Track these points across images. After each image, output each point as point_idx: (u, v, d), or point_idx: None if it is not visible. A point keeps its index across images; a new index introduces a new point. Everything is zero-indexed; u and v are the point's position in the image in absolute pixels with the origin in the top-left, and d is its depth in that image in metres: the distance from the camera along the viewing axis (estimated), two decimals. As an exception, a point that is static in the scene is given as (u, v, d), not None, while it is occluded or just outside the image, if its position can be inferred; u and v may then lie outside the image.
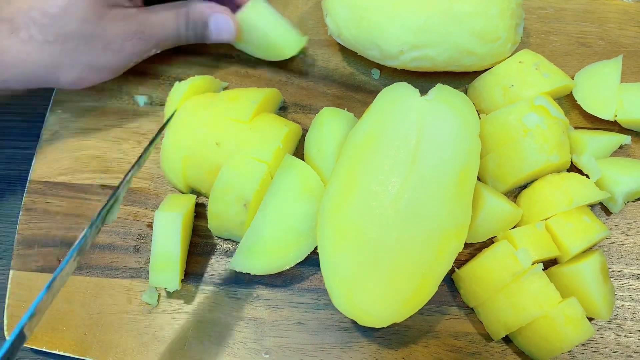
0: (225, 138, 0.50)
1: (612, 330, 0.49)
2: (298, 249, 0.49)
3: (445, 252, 0.45)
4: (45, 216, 0.54)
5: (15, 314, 0.51)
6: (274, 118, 0.53)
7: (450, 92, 0.49)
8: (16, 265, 0.53)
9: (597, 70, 0.56)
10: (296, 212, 0.49)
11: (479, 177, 0.54)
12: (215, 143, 0.50)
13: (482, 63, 0.54)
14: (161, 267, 0.48)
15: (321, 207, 0.47)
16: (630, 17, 0.60)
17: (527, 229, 0.48)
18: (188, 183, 0.53)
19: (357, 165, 0.47)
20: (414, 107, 0.48)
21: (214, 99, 0.52)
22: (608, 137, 0.53)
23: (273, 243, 0.48)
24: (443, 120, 0.47)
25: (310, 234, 0.49)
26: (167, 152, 0.52)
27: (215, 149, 0.50)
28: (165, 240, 0.48)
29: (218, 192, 0.49)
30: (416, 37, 0.52)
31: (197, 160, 0.50)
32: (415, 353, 0.49)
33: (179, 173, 0.52)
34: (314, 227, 0.49)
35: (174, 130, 0.51)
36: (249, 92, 0.53)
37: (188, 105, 0.52)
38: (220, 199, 0.49)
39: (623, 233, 0.52)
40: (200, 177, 0.51)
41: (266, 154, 0.49)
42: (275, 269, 0.48)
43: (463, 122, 0.47)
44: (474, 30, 0.51)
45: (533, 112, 0.50)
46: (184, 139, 0.51)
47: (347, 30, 0.54)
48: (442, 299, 0.51)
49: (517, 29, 0.55)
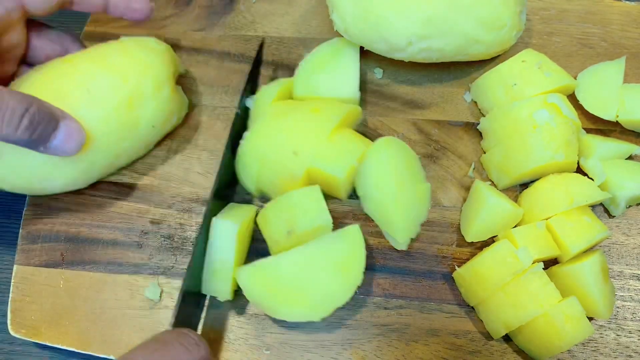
0: (303, 148, 0.50)
1: (612, 330, 0.49)
2: (289, 313, 0.47)
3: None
4: (49, 212, 0.55)
5: (19, 308, 0.52)
6: (353, 135, 0.52)
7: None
8: (20, 260, 0.53)
9: (600, 71, 0.56)
10: (321, 282, 0.47)
11: (484, 168, 0.54)
12: (292, 152, 0.50)
13: (488, 51, 0.55)
14: (214, 275, 0.48)
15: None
16: (633, 19, 0.60)
17: (527, 228, 0.49)
18: (260, 187, 0.53)
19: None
20: None
21: (296, 108, 0.52)
22: (618, 144, 0.53)
23: (276, 293, 0.47)
24: None
25: (317, 309, 0.47)
26: (244, 153, 0.52)
27: (292, 158, 0.50)
28: (221, 248, 0.48)
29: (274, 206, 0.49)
30: (423, 29, 0.52)
31: (272, 165, 0.50)
32: (415, 351, 0.49)
33: (253, 176, 0.52)
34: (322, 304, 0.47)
35: (254, 133, 0.52)
36: (331, 105, 0.53)
37: (270, 110, 0.52)
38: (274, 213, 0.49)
39: (624, 233, 0.52)
40: (274, 183, 0.51)
41: (340, 171, 0.49)
42: (259, 307, 0.49)
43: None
44: (479, 19, 0.52)
45: (544, 109, 0.50)
46: (262, 143, 0.51)
47: (353, 25, 0.54)
48: (442, 297, 0.51)
49: (520, 16, 0.55)
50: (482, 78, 0.56)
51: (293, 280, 0.46)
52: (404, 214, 0.49)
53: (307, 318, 0.47)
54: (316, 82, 0.55)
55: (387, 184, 0.49)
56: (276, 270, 0.47)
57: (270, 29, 0.62)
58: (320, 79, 0.55)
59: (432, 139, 0.56)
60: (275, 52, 0.61)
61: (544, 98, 0.51)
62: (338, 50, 0.57)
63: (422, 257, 0.52)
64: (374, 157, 0.50)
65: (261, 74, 0.60)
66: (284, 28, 0.62)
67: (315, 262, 0.46)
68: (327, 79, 0.55)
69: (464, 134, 0.56)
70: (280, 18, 0.63)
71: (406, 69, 0.58)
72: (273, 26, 0.62)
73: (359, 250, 0.48)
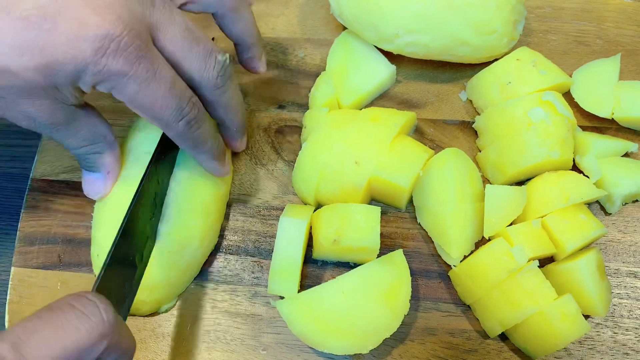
0: (365, 158, 0.49)
1: (609, 327, 0.49)
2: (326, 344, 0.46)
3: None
4: (47, 214, 0.55)
5: (17, 311, 0.52)
6: (413, 143, 0.52)
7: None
8: (18, 262, 0.54)
9: (595, 69, 0.56)
10: (368, 313, 0.46)
11: (480, 167, 0.54)
12: (354, 162, 0.49)
13: (476, 55, 0.55)
14: (281, 274, 0.48)
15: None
16: (628, 16, 0.60)
17: (523, 226, 0.49)
18: (319, 198, 0.52)
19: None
20: None
21: (354, 117, 0.52)
22: (614, 141, 0.53)
23: (321, 325, 0.46)
24: None
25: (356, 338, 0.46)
26: (303, 164, 0.52)
27: (354, 168, 0.49)
28: (288, 247, 0.48)
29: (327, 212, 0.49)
30: (412, 22, 0.52)
31: (333, 176, 0.50)
32: (411, 350, 0.49)
33: (312, 186, 0.51)
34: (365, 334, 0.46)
35: (312, 144, 0.52)
36: (390, 113, 0.53)
37: (327, 120, 0.52)
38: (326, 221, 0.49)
39: (620, 231, 0.52)
40: (334, 194, 0.51)
41: (405, 180, 0.49)
42: (304, 341, 0.47)
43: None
44: (469, 21, 0.52)
45: (539, 106, 0.50)
46: (322, 154, 0.51)
47: (347, 9, 0.55)
48: (438, 296, 0.51)
49: (516, 25, 0.55)
50: (477, 77, 0.56)
51: (339, 312, 0.46)
52: (462, 230, 0.49)
53: (355, 350, 0.46)
54: (353, 83, 0.56)
55: (448, 198, 0.49)
56: (321, 302, 0.46)
57: (266, 29, 0.62)
58: (355, 77, 0.56)
59: (427, 138, 0.56)
60: (271, 52, 0.61)
61: (539, 96, 0.51)
62: (347, 45, 0.57)
63: (418, 256, 0.52)
64: (438, 168, 0.50)
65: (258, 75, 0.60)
66: (279, 29, 0.62)
67: (361, 292, 0.46)
68: (360, 74, 0.56)
69: (460, 133, 0.56)
70: (276, 19, 0.63)
71: (401, 68, 0.58)
72: (269, 27, 0.62)
73: (404, 277, 0.47)
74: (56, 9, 0.35)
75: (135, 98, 0.39)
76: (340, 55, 0.58)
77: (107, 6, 0.36)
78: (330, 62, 0.58)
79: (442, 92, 0.58)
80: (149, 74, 0.38)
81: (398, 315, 0.47)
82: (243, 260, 0.53)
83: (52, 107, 0.40)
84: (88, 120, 0.44)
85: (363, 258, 0.49)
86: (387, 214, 0.54)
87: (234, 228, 0.54)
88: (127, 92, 0.38)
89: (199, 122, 0.43)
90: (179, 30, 0.41)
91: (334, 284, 0.47)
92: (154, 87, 0.39)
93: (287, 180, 0.56)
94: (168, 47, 0.41)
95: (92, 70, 0.36)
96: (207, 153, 0.47)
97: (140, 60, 0.37)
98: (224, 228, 0.54)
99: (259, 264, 0.53)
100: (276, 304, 0.48)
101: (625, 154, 0.54)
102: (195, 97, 0.43)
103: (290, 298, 0.47)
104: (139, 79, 0.38)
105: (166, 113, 0.40)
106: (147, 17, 0.39)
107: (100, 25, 0.36)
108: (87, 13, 0.36)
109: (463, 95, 0.58)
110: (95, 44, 0.36)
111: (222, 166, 0.49)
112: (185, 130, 0.42)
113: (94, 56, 0.36)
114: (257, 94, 0.60)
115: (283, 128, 0.58)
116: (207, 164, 0.48)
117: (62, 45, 0.35)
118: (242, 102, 0.49)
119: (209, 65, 0.43)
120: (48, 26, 0.35)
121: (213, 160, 0.48)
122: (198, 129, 0.43)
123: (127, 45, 0.36)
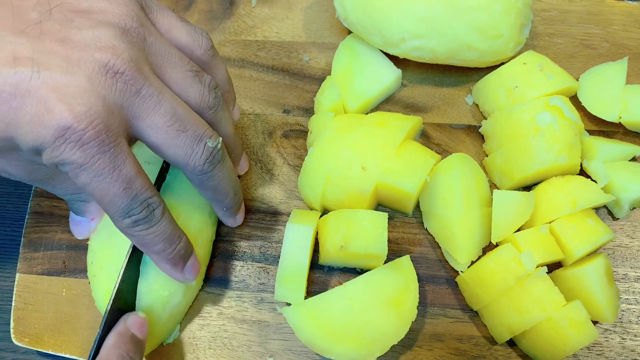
0: (372, 163, 0.49)
1: (617, 333, 0.49)
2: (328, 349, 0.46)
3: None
4: (51, 220, 0.55)
5: (22, 317, 0.52)
6: (420, 148, 0.52)
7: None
8: (22, 269, 0.53)
9: (602, 72, 0.56)
10: (375, 320, 0.45)
11: (487, 172, 0.54)
12: (361, 167, 0.49)
13: (482, 59, 0.54)
14: (287, 281, 0.48)
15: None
16: (635, 19, 0.60)
17: (531, 232, 0.48)
18: (325, 203, 0.52)
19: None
20: None
21: (360, 122, 0.52)
22: (621, 146, 0.53)
23: (328, 332, 0.46)
24: None
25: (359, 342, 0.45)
26: (309, 169, 0.51)
27: (360, 174, 0.49)
28: (295, 253, 0.48)
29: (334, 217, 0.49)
30: (417, 26, 0.52)
31: (340, 182, 0.50)
32: (419, 356, 0.49)
33: (318, 192, 0.51)
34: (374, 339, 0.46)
35: (318, 149, 0.51)
36: (396, 118, 0.52)
37: (334, 125, 0.52)
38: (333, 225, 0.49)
39: (628, 236, 0.52)
40: (340, 199, 0.51)
41: (412, 186, 0.49)
42: (311, 349, 0.47)
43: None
44: (475, 25, 0.52)
45: (546, 111, 0.50)
46: (328, 159, 0.50)
47: (353, 13, 0.54)
48: (445, 302, 0.50)
49: (522, 29, 0.55)
50: (484, 81, 0.55)
51: (346, 318, 0.45)
52: (469, 236, 0.49)
53: (362, 357, 0.46)
54: (359, 87, 0.56)
55: (455, 203, 0.49)
56: (328, 308, 0.46)
57: (270, 33, 0.62)
58: (360, 82, 0.56)
59: (433, 142, 0.56)
60: (275, 56, 0.61)
61: (546, 100, 0.51)
62: (352, 49, 0.57)
63: (425, 262, 0.52)
64: (445, 173, 0.49)
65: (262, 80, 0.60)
66: (284, 32, 0.62)
67: (369, 298, 0.46)
68: (365, 78, 0.56)
69: (466, 137, 0.56)
70: (280, 22, 0.62)
71: (407, 72, 0.58)
72: (273, 31, 0.62)
73: (412, 283, 0.47)
74: (27, 89, 0.34)
75: (85, 187, 0.37)
76: (345, 59, 0.57)
77: (80, 95, 0.35)
78: (335, 66, 0.58)
79: (448, 96, 0.58)
80: (105, 170, 0.36)
81: (405, 321, 0.46)
82: (249, 266, 0.53)
83: (30, 168, 0.41)
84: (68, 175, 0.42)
85: (370, 264, 0.49)
86: (393, 219, 0.53)
87: (240, 234, 0.54)
88: (78, 180, 0.36)
89: (149, 223, 0.39)
90: (163, 119, 0.38)
91: (340, 290, 0.46)
92: (107, 183, 0.36)
93: (292, 185, 0.55)
94: (148, 138, 0.39)
95: (49, 153, 0.35)
96: (159, 255, 0.42)
97: (100, 156, 0.35)
98: (229, 234, 0.54)
99: (265, 269, 0.52)
100: (283, 310, 0.47)
101: (633, 158, 0.54)
102: (154, 199, 0.39)
103: (296, 304, 0.47)
104: (93, 172, 0.36)
105: (111, 209, 0.38)
106: (126, 108, 0.37)
107: (64, 116, 0.34)
108: (54, 99, 0.34)
109: (469, 99, 0.57)
110: (55, 132, 0.34)
111: (178, 272, 0.44)
112: (128, 228, 0.39)
113: (52, 142, 0.34)
114: (261, 98, 0.59)
115: (288, 133, 0.58)
116: (160, 267, 0.44)
117: (25, 125, 0.34)
118: (235, 181, 0.46)
119: (196, 153, 0.40)
120: (16, 104, 0.34)
121: (166, 264, 0.43)
122: (145, 230, 0.39)
123: (89, 139, 0.34)
